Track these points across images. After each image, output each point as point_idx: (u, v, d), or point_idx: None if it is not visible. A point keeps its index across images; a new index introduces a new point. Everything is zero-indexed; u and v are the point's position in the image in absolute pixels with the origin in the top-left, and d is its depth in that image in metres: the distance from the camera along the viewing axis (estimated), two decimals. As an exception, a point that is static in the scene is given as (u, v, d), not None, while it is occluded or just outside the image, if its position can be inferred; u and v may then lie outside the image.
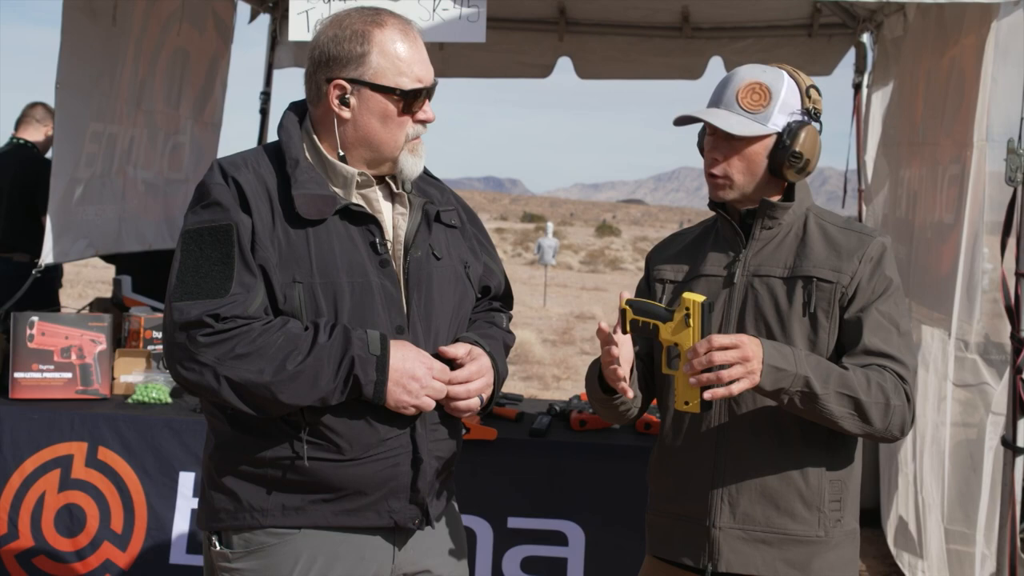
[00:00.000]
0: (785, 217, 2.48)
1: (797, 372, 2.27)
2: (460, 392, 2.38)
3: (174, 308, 2.25)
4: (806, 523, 2.44)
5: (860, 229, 2.49)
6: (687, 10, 6.63)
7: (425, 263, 2.42)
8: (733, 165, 2.44)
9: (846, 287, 2.40)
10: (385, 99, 2.35)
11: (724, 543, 2.46)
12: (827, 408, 2.31)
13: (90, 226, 5.45)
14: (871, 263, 2.42)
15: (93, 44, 5.12)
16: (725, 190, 2.48)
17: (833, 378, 2.31)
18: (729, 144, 2.44)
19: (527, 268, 31.54)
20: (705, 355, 2.22)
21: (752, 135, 2.41)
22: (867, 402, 2.32)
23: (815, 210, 2.53)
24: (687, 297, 2.30)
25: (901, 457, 5.14)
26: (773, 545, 2.44)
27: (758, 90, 2.41)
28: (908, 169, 5.36)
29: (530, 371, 12.70)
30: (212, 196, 2.30)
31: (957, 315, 4.29)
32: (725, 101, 2.44)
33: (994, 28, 4.03)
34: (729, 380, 2.22)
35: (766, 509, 2.44)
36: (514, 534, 4.02)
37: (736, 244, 2.52)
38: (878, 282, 2.41)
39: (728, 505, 2.45)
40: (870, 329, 2.38)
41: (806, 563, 2.45)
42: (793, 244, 2.47)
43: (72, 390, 4.33)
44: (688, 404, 2.30)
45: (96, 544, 4.12)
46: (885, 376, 2.36)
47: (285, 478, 2.33)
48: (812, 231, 2.48)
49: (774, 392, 2.29)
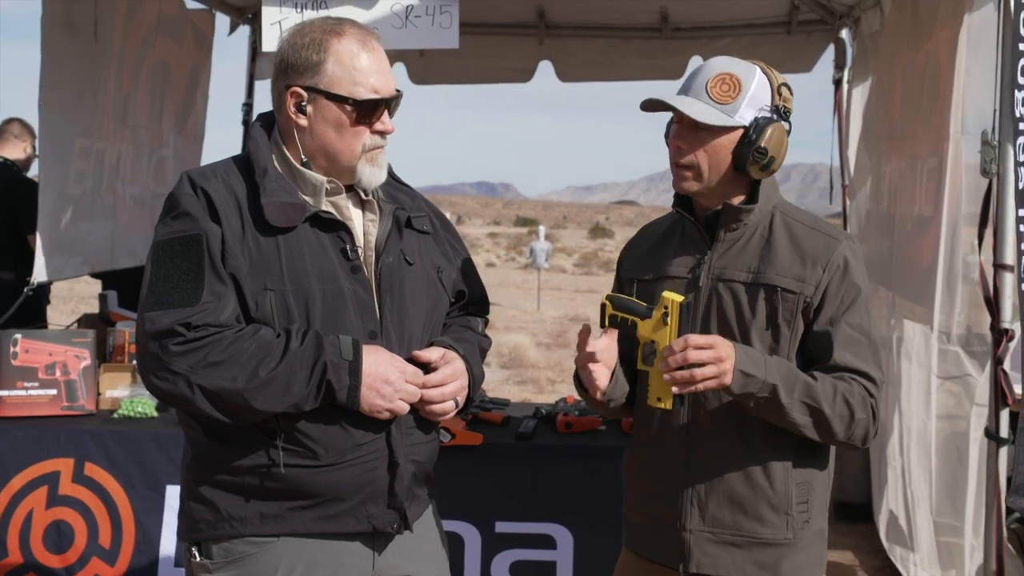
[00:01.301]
0: (750, 218, 2.46)
1: (766, 380, 2.29)
2: (434, 395, 2.39)
3: (146, 318, 2.26)
4: (774, 527, 2.44)
5: (827, 231, 2.46)
6: (666, 10, 6.63)
7: (397, 268, 2.42)
8: (699, 156, 2.41)
9: (810, 297, 2.39)
10: (339, 108, 2.36)
11: (695, 545, 2.47)
12: (790, 416, 2.33)
13: (83, 243, 5.45)
14: (838, 272, 2.40)
15: (75, 60, 5.13)
16: (690, 181, 2.44)
17: (799, 388, 2.32)
18: (695, 134, 2.41)
19: (520, 272, 31.54)
20: (681, 353, 2.23)
21: (717, 124, 2.38)
22: (831, 415, 2.34)
23: (782, 207, 2.51)
24: (667, 296, 2.31)
25: (890, 452, 5.14)
26: (743, 548, 2.45)
27: (728, 81, 2.38)
28: (888, 163, 5.37)
29: (525, 375, 12.69)
30: (181, 207, 2.31)
31: (939, 308, 4.30)
32: (694, 89, 2.40)
33: (966, 21, 4.05)
34: (702, 379, 2.23)
35: (734, 514, 2.44)
36: (502, 539, 4.02)
37: (701, 246, 2.51)
38: (846, 292, 2.40)
39: (697, 508, 2.46)
40: (840, 344, 2.38)
41: (775, 564, 2.45)
42: (758, 247, 2.45)
43: (58, 406, 4.33)
44: (661, 401, 2.32)
45: (85, 560, 4.12)
46: (853, 389, 2.36)
47: (262, 486, 2.33)
48: (778, 232, 2.45)
49: (742, 396, 2.31)
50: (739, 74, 2.40)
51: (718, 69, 2.41)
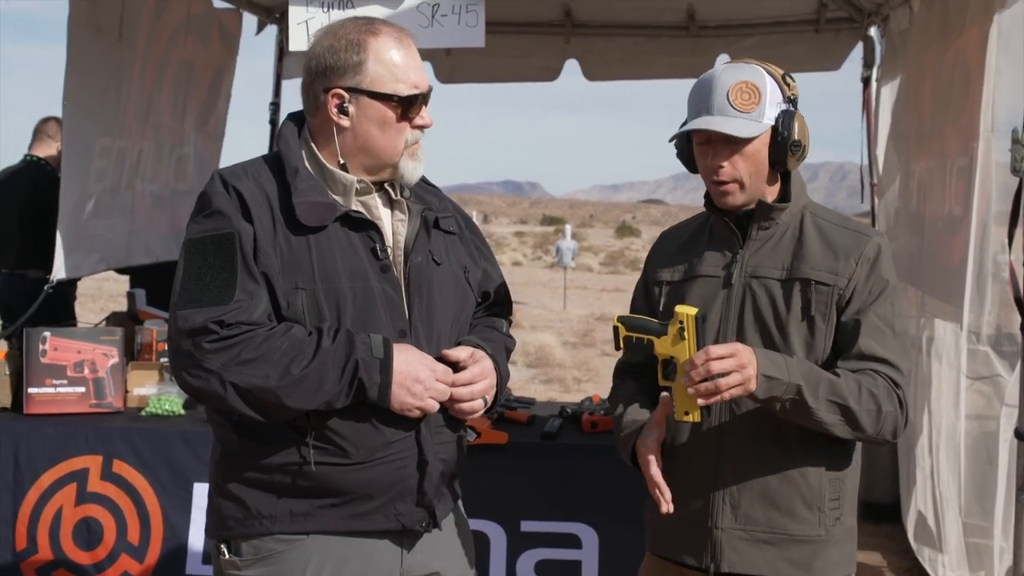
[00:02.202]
0: (782, 217, 2.49)
1: (790, 381, 2.29)
2: (464, 394, 2.39)
3: (179, 316, 2.27)
4: (807, 523, 2.45)
5: (857, 228, 2.50)
6: (692, 8, 6.62)
7: (425, 268, 2.43)
8: (739, 168, 2.43)
9: (843, 290, 2.41)
10: (383, 106, 2.37)
11: (726, 544, 2.47)
12: (817, 415, 2.33)
13: (101, 240, 5.48)
14: (867, 264, 2.43)
15: (99, 60, 5.16)
16: (736, 195, 2.46)
17: (823, 386, 2.33)
18: (730, 148, 2.42)
19: (547, 271, 31.55)
20: (703, 366, 2.25)
21: (756, 135, 2.41)
22: (858, 410, 2.34)
23: (811, 207, 2.53)
24: (680, 311, 2.33)
25: (919, 452, 5.11)
26: (775, 545, 2.45)
27: (746, 89, 2.41)
28: (918, 162, 5.34)
29: (551, 374, 12.69)
30: (214, 205, 2.32)
31: (968, 307, 4.27)
32: (718, 107, 2.41)
33: (996, 19, 4.02)
34: (727, 388, 2.24)
35: (767, 510, 2.45)
36: (528, 537, 4.03)
37: (732, 244, 2.52)
38: (875, 284, 2.42)
39: (729, 506, 2.47)
40: (866, 332, 2.40)
41: (808, 562, 2.46)
42: (790, 245, 2.47)
43: (86, 404, 4.36)
44: (688, 415, 2.34)
45: (114, 557, 4.15)
46: (877, 382, 2.37)
47: (293, 484, 2.34)
48: (808, 231, 2.48)
49: (767, 400, 2.31)
50: (753, 79, 2.43)
51: (732, 80, 2.42)
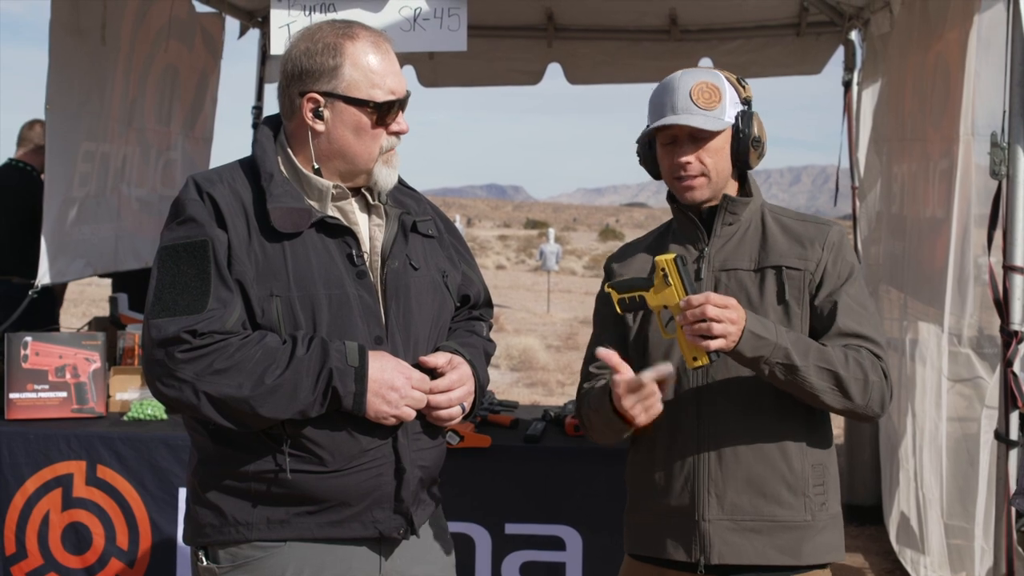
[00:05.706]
0: (744, 212, 2.57)
1: (777, 342, 2.35)
2: (441, 401, 2.39)
3: (151, 325, 2.26)
4: (793, 508, 2.48)
5: (815, 219, 2.60)
6: (674, 12, 6.63)
7: (403, 273, 2.42)
8: (706, 162, 2.52)
9: (813, 273, 2.50)
10: (359, 111, 2.36)
11: (714, 535, 2.49)
12: (808, 381, 2.38)
13: (87, 245, 5.46)
14: (833, 250, 2.52)
15: (82, 64, 5.14)
16: (703, 188, 2.54)
17: (813, 352, 2.39)
18: (695, 144, 2.52)
19: (531, 275, 31.54)
20: (700, 307, 2.30)
21: (720, 130, 2.50)
22: (846, 376, 2.39)
23: (768, 206, 2.63)
24: (659, 259, 2.39)
25: (901, 454, 5.13)
26: (763, 533, 2.48)
27: (707, 89, 2.51)
28: (899, 165, 5.36)
29: (534, 377, 12.69)
30: (187, 212, 2.31)
31: (949, 309, 4.29)
32: (682, 106, 2.50)
33: (976, 22, 4.04)
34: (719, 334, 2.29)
35: (753, 498, 2.48)
36: (512, 540, 4.03)
37: (697, 240, 2.59)
38: (842, 268, 2.52)
39: (715, 497, 2.49)
40: (843, 312, 2.48)
41: (796, 548, 2.49)
42: (755, 238, 2.56)
43: (68, 409, 4.34)
44: (697, 360, 2.36)
45: (104, 561, 4.15)
46: (862, 353, 2.44)
47: (269, 491, 2.33)
48: (770, 225, 2.58)
49: (753, 359, 2.35)
50: (713, 80, 2.53)
51: (693, 81, 2.52)
